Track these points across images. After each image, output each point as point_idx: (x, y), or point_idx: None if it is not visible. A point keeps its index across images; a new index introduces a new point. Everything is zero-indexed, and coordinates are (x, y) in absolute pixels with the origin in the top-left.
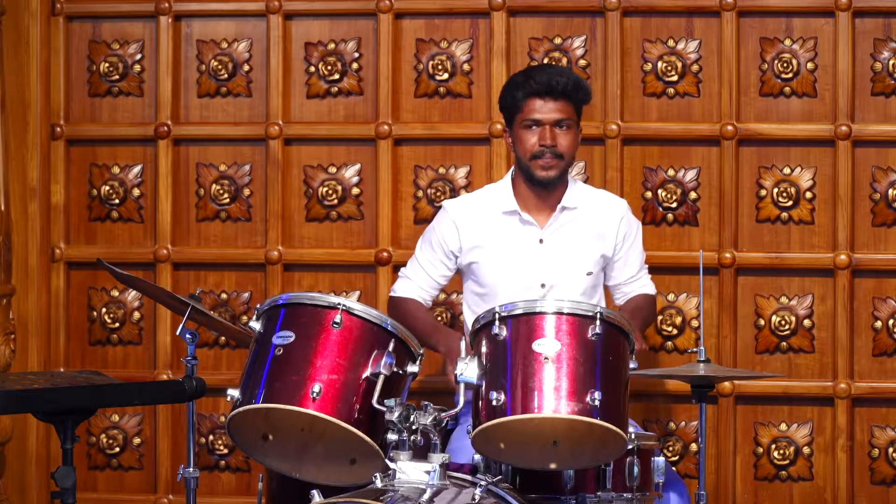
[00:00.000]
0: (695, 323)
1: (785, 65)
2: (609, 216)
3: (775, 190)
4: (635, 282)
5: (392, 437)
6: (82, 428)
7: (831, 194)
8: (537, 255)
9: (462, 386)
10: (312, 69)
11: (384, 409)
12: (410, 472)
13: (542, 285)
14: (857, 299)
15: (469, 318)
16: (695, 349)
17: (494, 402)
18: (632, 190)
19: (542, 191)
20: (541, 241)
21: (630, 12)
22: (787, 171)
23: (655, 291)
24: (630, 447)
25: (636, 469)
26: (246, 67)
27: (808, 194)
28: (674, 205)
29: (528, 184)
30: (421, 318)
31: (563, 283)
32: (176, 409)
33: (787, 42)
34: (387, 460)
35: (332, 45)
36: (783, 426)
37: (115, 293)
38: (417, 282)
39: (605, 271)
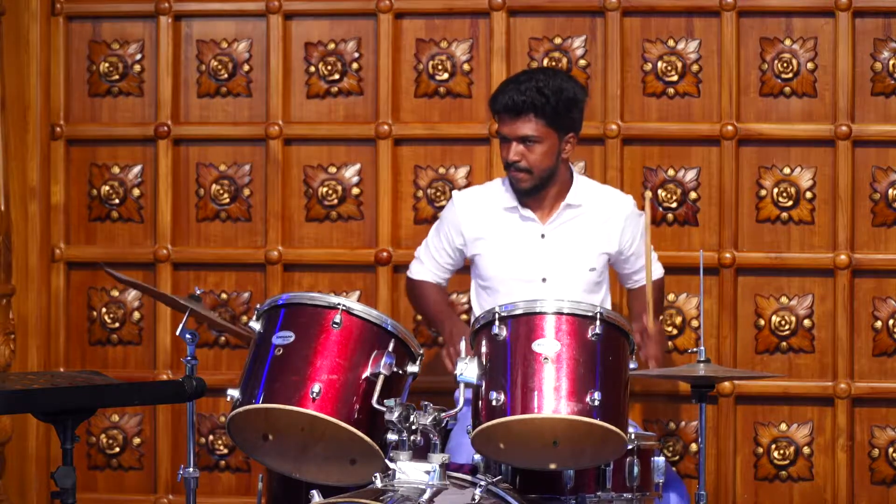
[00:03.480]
0: (695, 323)
1: (785, 65)
2: (614, 214)
3: (775, 190)
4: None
5: (392, 437)
6: (82, 428)
7: (831, 194)
8: (538, 250)
9: (462, 386)
10: (312, 69)
11: (384, 409)
12: (410, 472)
13: (544, 280)
14: (857, 299)
15: (476, 311)
16: (695, 349)
17: (494, 402)
18: (632, 190)
19: (533, 191)
20: (542, 235)
21: (630, 12)
22: (787, 171)
23: (663, 272)
24: (630, 447)
25: (636, 469)
26: (246, 67)
27: (808, 194)
28: (674, 205)
29: None
30: (434, 301)
31: (564, 277)
32: (176, 409)
33: (787, 42)
34: (387, 460)
35: (332, 45)
36: (783, 426)
37: (115, 293)
38: (428, 265)
39: (616, 263)
